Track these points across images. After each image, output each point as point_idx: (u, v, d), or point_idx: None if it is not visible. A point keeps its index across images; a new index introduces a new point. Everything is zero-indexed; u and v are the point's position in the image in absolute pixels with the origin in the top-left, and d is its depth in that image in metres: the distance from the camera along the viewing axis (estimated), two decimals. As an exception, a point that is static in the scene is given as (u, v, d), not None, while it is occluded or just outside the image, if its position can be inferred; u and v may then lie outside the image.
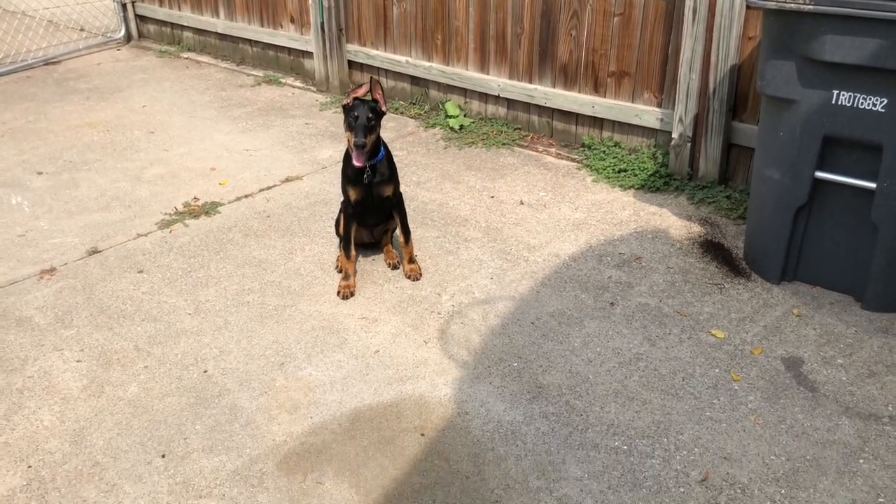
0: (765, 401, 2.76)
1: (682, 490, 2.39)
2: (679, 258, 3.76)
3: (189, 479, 2.49)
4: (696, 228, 4.04)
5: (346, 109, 3.31)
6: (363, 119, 3.23)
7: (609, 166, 4.73)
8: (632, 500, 2.36)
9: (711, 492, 2.38)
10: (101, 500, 2.40)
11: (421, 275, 3.67)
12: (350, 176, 3.44)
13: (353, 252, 3.55)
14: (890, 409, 2.70)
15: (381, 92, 3.39)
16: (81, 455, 2.59)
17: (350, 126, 3.26)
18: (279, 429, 2.70)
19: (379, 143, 3.42)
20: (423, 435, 2.66)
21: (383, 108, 3.39)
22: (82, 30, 8.57)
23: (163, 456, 2.59)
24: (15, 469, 2.53)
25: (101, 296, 3.56)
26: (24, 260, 3.89)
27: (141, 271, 3.77)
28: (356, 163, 3.28)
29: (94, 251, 3.97)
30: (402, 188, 3.73)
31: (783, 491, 2.37)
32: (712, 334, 3.16)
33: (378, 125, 3.34)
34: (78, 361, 3.09)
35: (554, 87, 5.13)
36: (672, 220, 4.14)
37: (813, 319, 3.22)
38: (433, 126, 5.72)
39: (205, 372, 3.01)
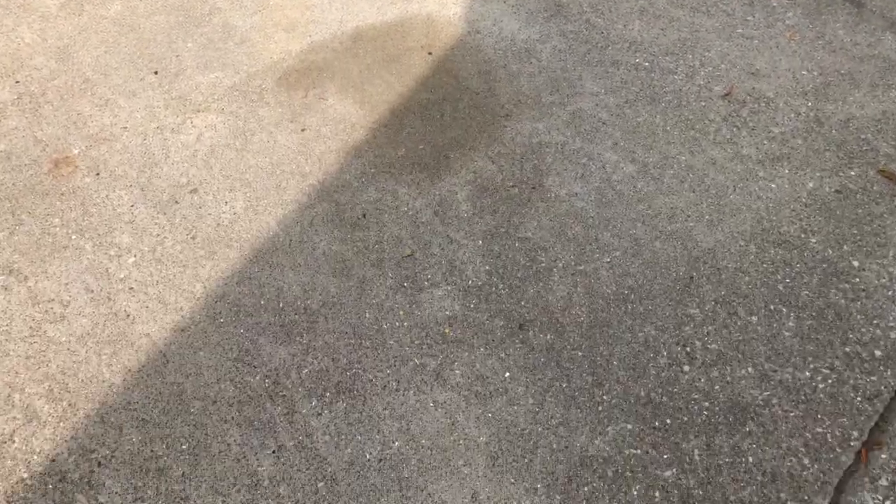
0: (804, 17, 2.52)
1: (702, 104, 2.27)
2: None
3: (185, 94, 2.37)
4: None
5: None
6: None
7: None
8: (649, 113, 2.25)
9: (734, 105, 2.26)
10: (97, 114, 2.31)
11: None
12: None
13: None
14: (941, 24, 2.46)
15: None
16: (70, 72, 2.45)
17: None
18: (276, 47, 2.52)
19: None
20: (430, 54, 2.48)
21: None
22: None
23: (155, 73, 2.45)
24: (2, 84, 2.41)
25: None
26: None
27: None
28: None
29: None
30: None
31: (810, 104, 2.24)
32: (755, -52, 2.80)
33: None
34: (51, -21, 2.81)
35: None
36: None
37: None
38: None
39: (191, -10, 2.75)
